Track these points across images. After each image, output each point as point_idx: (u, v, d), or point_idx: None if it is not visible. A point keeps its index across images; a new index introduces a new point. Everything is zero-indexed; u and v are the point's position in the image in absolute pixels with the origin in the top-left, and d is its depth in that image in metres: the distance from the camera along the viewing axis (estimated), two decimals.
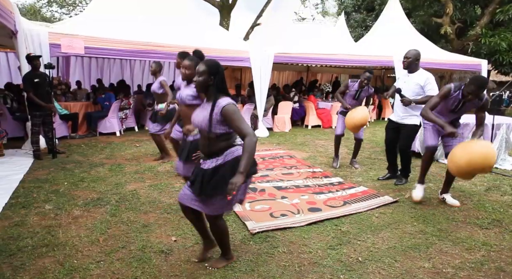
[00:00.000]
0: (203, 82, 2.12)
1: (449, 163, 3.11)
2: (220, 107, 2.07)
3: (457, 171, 3.04)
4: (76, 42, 5.61)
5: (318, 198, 3.76)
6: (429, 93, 3.91)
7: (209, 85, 2.13)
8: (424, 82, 3.97)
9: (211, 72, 2.10)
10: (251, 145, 2.02)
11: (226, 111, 2.05)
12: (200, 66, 2.13)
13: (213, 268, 2.35)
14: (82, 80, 9.38)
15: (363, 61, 9.03)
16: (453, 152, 3.06)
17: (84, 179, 4.30)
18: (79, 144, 6.43)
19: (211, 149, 2.16)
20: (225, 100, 2.09)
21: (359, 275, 2.32)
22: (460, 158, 2.93)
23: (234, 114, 2.06)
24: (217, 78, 2.11)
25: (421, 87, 4.00)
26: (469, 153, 2.89)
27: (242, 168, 1.99)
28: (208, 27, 8.14)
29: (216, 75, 2.11)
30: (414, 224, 3.13)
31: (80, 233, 2.85)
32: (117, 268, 2.35)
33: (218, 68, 2.12)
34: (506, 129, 5.29)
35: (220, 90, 2.13)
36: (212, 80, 2.11)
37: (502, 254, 2.62)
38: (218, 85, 2.12)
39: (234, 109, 2.07)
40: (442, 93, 3.34)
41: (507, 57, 12.11)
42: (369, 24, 16.34)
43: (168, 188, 4.04)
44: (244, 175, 2.00)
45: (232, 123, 2.06)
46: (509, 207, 3.54)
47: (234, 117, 2.05)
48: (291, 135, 7.94)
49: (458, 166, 2.97)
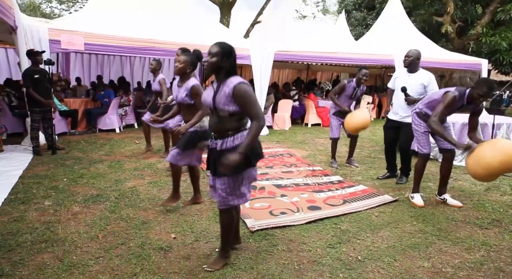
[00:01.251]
0: (215, 64, 2.11)
1: (475, 165, 2.84)
2: (232, 86, 2.05)
3: (487, 173, 2.80)
4: (76, 38, 5.59)
5: (318, 197, 3.76)
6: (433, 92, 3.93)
7: (221, 67, 2.11)
8: (427, 82, 4.01)
9: (225, 54, 2.10)
10: (256, 129, 2.03)
11: (238, 91, 2.04)
12: (213, 47, 2.13)
13: (211, 269, 2.31)
14: (82, 77, 9.35)
15: (364, 60, 9.00)
16: (480, 154, 2.81)
17: (83, 175, 4.29)
18: (79, 140, 6.42)
19: (223, 127, 2.15)
20: (237, 78, 2.08)
21: (358, 274, 2.32)
22: (493, 157, 2.71)
23: (246, 94, 2.05)
24: (230, 61, 2.11)
25: (424, 87, 4.02)
26: (503, 152, 2.69)
27: (242, 149, 2.01)
28: (208, 25, 8.11)
29: (229, 57, 2.11)
30: (413, 223, 3.13)
31: (79, 229, 2.85)
32: (116, 265, 2.35)
33: (231, 51, 2.12)
34: (506, 129, 5.29)
35: (231, 72, 2.12)
36: (224, 62, 2.10)
37: (501, 254, 2.62)
38: (231, 68, 2.12)
39: (246, 89, 2.06)
40: (448, 103, 3.18)
41: (508, 56, 12.10)
42: (370, 22, 16.31)
43: (167, 185, 4.03)
44: (242, 155, 2.00)
45: (244, 103, 2.05)
46: (508, 207, 3.54)
47: (246, 97, 2.04)
48: (291, 134, 7.93)
49: (489, 166, 2.74)
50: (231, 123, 2.13)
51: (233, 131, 2.14)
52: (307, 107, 9.34)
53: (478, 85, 3.08)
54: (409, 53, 4.09)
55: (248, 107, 2.06)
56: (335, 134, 5.02)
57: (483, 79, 3.21)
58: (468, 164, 2.93)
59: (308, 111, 9.29)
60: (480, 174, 2.84)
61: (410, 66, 4.10)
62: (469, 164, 2.91)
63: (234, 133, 2.14)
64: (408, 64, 4.10)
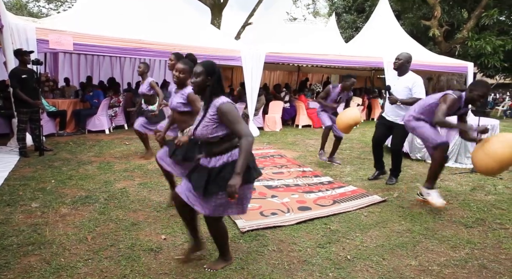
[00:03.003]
0: (201, 83, 2.12)
1: (487, 159, 2.88)
2: (215, 107, 2.07)
3: (500, 166, 2.88)
4: (64, 38, 5.51)
5: (308, 197, 3.79)
6: (416, 95, 3.99)
7: (207, 86, 2.12)
8: (412, 84, 4.04)
9: (208, 73, 2.10)
10: (247, 146, 2.00)
11: (221, 110, 2.05)
12: (197, 67, 2.13)
13: (211, 269, 2.31)
14: (70, 77, 9.24)
15: (353, 62, 9.12)
16: (490, 147, 2.87)
17: (72, 176, 4.24)
18: (67, 141, 6.34)
19: (215, 151, 2.13)
20: (220, 99, 2.08)
21: (347, 273, 2.35)
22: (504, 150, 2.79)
23: (230, 113, 2.04)
24: (214, 79, 2.10)
25: (409, 89, 4.07)
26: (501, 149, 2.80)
27: (239, 169, 1.98)
28: (199, 26, 8.10)
29: (212, 75, 2.10)
30: (401, 223, 3.18)
31: (67, 231, 2.81)
32: (105, 266, 2.33)
33: (214, 69, 2.12)
34: (491, 131, 5.42)
35: (217, 90, 2.12)
36: (209, 81, 2.11)
37: (485, 251, 2.68)
38: (216, 86, 2.11)
39: (229, 108, 2.06)
40: (450, 103, 3.21)
41: (492, 60, 12.41)
42: (360, 25, 16.50)
43: (158, 186, 4.01)
44: (241, 175, 1.98)
45: (228, 123, 2.06)
46: (492, 206, 3.63)
47: (230, 117, 2.04)
48: (282, 135, 7.97)
49: (502, 159, 2.82)
50: (224, 144, 2.13)
51: (227, 150, 2.13)
52: (298, 109, 9.40)
53: (478, 87, 3.18)
54: (399, 56, 4.15)
55: (233, 125, 2.05)
56: (328, 123, 5.09)
57: (480, 82, 3.30)
58: (478, 158, 2.96)
59: (299, 112, 9.34)
60: (494, 167, 2.90)
61: (399, 69, 4.16)
62: (479, 158, 2.94)
63: (231, 150, 2.13)
64: (397, 67, 4.16)
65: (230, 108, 2.06)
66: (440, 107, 3.25)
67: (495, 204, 3.70)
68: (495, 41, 12.20)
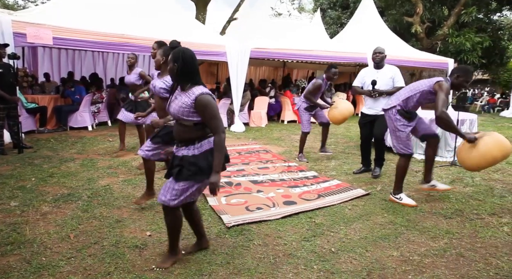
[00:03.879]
0: (171, 70, 2.12)
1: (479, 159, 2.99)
2: (193, 97, 2.04)
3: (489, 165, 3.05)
4: (43, 32, 5.34)
5: (293, 192, 3.83)
6: (398, 84, 4.25)
7: (179, 73, 2.09)
8: (393, 75, 4.28)
9: (175, 60, 2.07)
10: (220, 143, 2.04)
11: (199, 102, 2.03)
12: (170, 55, 2.13)
13: (160, 268, 2.24)
14: (51, 73, 8.97)
15: (338, 57, 9.19)
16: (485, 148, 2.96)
17: (53, 174, 4.15)
18: (48, 138, 6.18)
19: (186, 136, 2.12)
20: (199, 89, 2.06)
21: (331, 265, 2.39)
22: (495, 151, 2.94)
23: (207, 106, 2.03)
24: (179, 65, 2.06)
25: (392, 80, 4.29)
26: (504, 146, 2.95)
27: (216, 167, 2.04)
28: (184, 21, 8.00)
29: (177, 61, 2.06)
30: (384, 215, 3.25)
31: (49, 229, 2.76)
32: (89, 264, 2.30)
33: (179, 55, 2.07)
34: (469, 125, 5.58)
35: (186, 78, 2.08)
36: (175, 67, 2.08)
37: (462, 241, 2.78)
38: (182, 73, 2.07)
39: (208, 101, 2.04)
40: (447, 91, 3.15)
41: (471, 57, 12.75)
42: (344, 21, 16.65)
43: (142, 182, 3.96)
44: (219, 173, 2.04)
45: (204, 115, 2.05)
46: (470, 197, 3.75)
47: (207, 111, 2.03)
48: (267, 130, 7.99)
49: (494, 160, 2.98)
50: (196, 132, 2.11)
51: (198, 139, 2.12)
52: (283, 104, 9.43)
53: (463, 73, 3.21)
54: (380, 50, 4.29)
55: (209, 119, 2.04)
56: (308, 128, 5.20)
57: (465, 67, 3.33)
58: (470, 156, 3.04)
59: (284, 108, 9.38)
60: (483, 166, 3.07)
61: (381, 62, 4.31)
62: (471, 156, 3.03)
63: (201, 141, 2.12)
64: (379, 61, 4.30)
65: (209, 101, 2.04)
66: (440, 97, 3.10)
67: (473, 195, 3.82)
68: (474, 38, 12.54)
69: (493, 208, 3.45)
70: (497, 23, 15.61)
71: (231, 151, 5.70)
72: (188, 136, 2.12)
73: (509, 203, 3.61)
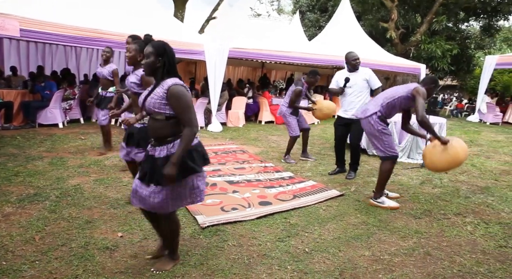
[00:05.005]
0: (151, 64, 2.03)
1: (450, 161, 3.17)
2: (166, 87, 1.97)
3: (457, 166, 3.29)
4: (9, 22, 5.05)
5: (269, 192, 3.84)
6: (376, 85, 4.41)
7: (157, 68, 2.03)
8: (369, 76, 4.42)
9: (158, 53, 2.01)
10: (189, 136, 1.96)
11: (172, 92, 1.95)
12: (147, 48, 2.04)
13: (160, 271, 2.21)
14: (18, 66, 8.54)
15: (316, 60, 9.32)
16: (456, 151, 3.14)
17: (19, 173, 3.95)
18: (14, 135, 5.88)
19: (161, 132, 2.03)
20: (172, 80, 2.00)
21: (305, 265, 2.41)
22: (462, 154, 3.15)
23: (180, 98, 1.96)
24: (164, 59, 2.01)
25: (366, 81, 4.42)
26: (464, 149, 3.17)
27: (174, 158, 1.93)
28: (162, 18, 7.85)
29: (163, 56, 2.01)
30: (357, 216, 3.32)
31: (11, 231, 2.62)
32: (54, 267, 2.20)
33: (165, 49, 2.02)
34: (439, 128, 5.81)
35: (169, 72, 2.03)
36: (159, 62, 2.02)
37: (430, 240, 2.89)
38: (167, 67, 2.02)
39: (181, 92, 1.97)
40: (424, 96, 3.28)
41: (441, 63, 13.32)
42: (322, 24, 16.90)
43: (115, 182, 3.86)
44: (176, 165, 1.93)
45: (177, 106, 1.97)
46: (438, 198, 3.91)
47: (180, 102, 1.96)
48: (245, 131, 7.98)
49: (461, 162, 3.21)
50: (170, 128, 2.03)
51: (173, 137, 2.04)
52: (261, 105, 9.45)
53: (436, 83, 3.45)
54: (357, 56, 4.43)
55: (181, 110, 1.97)
56: (297, 132, 5.21)
57: (435, 77, 3.55)
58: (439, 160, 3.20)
59: (262, 108, 9.41)
60: (453, 168, 3.31)
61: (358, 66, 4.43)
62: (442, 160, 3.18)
63: (174, 140, 2.03)
64: (359, 65, 4.42)
65: (182, 92, 1.97)
66: (419, 102, 3.22)
67: (441, 196, 3.99)
68: (444, 45, 13.10)
69: (458, 208, 3.61)
70: (465, 32, 16.40)
71: (208, 151, 5.63)
72: (162, 133, 2.04)
73: (473, 203, 3.79)
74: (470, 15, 15.38)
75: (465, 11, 14.93)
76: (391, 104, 3.45)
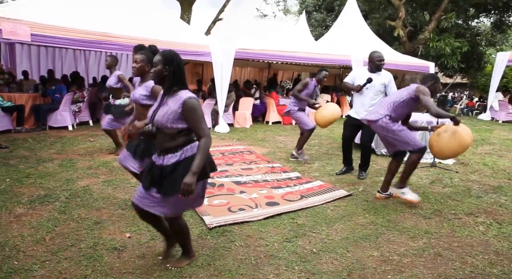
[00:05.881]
0: (158, 72, 2.05)
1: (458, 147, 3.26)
2: (182, 100, 2.00)
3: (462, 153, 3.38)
4: (20, 28, 5.16)
5: (276, 193, 3.83)
6: (392, 91, 4.22)
7: (165, 77, 2.05)
8: (388, 81, 4.29)
9: (166, 62, 2.03)
10: (206, 147, 2.00)
11: (187, 105, 1.99)
12: (156, 56, 2.07)
13: (175, 267, 2.27)
14: (29, 71, 8.70)
15: (323, 59, 9.28)
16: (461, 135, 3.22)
17: (30, 175, 4.02)
18: (26, 138, 5.99)
19: (170, 144, 2.06)
20: (186, 93, 2.03)
21: (313, 266, 2.40)
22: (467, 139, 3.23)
23: (195, 111, 2.00)
24: (172, 69, 2.03)
25: (384, 86, 4.29)
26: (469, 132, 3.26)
27: (195, 168, 1.95)
28: (169, 20, 7.92)
29: (170, 65, 2.03)
30: (365, 216, 3.29)
31: (23, 232, 2.66)
32: (64, 268, 2.23)
33: (173, 58, 2.04)
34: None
35: (177, 82, 2.05)
36: (166, 71, 2.03)
37: (440, 240, 2.84)
38: (175, 77, 2.04)
39: (196, 105, 2.01)
40: (428, 93, 3.34)
41: (451, 61, 13.11)
42: (329, 24, 16.85)
43: (123, 183, 3.90)
44: (197, 175, 1.96)
45: (191, 119, 2.01)
46: (448, 198, 3.85)
47: (195, 115, 2.00)
48: (252, 131, 7.98)
49: (467, 145, 3.27)
50: (180, 139, 2.06)
51: (181, 146, 2.06)
52: (268, 106, 9.45)
53: (437, 80, 3.49)
54: (383, 56, 4.29)
55: (195, 123, 2.01)
56: (312, 125, 5.13)
57: (435, 75, 3.58)
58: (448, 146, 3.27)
59: (269, 109, 9.40)
60: (461, 153, 3.37)
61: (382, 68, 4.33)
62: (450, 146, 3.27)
63: (183, 147, 2.06)
64: (382, 66, 4.30)
65: (197, 105, 2.02)
66: (427, 101, 3.29)
67: (451, 195, 3.92)
68: (453, 43, 12.90)
69: (470, 208, 3.54)
70: (475, 29, 16.13)
71: (215, 152, 5.66)
72: (172, 145, 2.06)
73: (485, 203, 3.71)
74: (481, 12, 15.11)
75: (475, 7, 14.68)
76: (399, 106, 3.47)
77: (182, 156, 2.05)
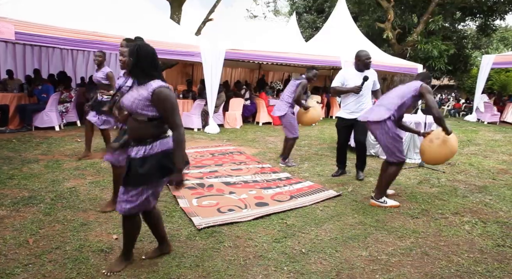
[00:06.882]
0: (126, 63, 2.13)
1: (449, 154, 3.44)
2: (151, 89, 1.98)
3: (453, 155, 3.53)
4: (4, 25, 5.05)
5: (266, 193, 3.82)
6: (377, 86, 4.57)
7: (133, 66, 2.03)
8: (376, 77, 4.50)
9: (130, 54, 2.03)
10: (180, 140, 1.99)
11: (157, 94, 1.96)
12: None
13: (111, 273, 2.16)
14: (14, 70, 8.51)
15: (313, 60, 9.32)
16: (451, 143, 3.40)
17: (13, 176, 3.92)
18: (10, 138, 5.85)
19: (140, 133, 2.03)
20: (156, 82, 2.00)
21: (301, 266, 2.40)
22: (456, 144, 3.44)
23: (166, 99, 1.97)
24: (135, 60, 2.00)
25: (373, 82, 4.47)
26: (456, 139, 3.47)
27: (179, 164, 1.99)
28: (158, 20, 7.85)
29: (133, 56, 2.01)
30: (354, 216, 3.31)
31: (5, 234, 2.59)
32: (48, 271, 2.18)
33: (137, 49, 2.01)
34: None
35: (143, 73, 2.02)
36: (130, 61, 2.02)
37: (427, 240, 2.88)
38: (139, 68, 2.01)
39: (167, 95, 1.98)
40: (431, 92, 3.41)
41: (438, 63, 13.33)
42: (319, 25, 16.93)
43: (111, 184, 3.81)
44: (182, 169, 1.99)
45: (161, 109, 1.99)
46: (435, 197, 3.90)
47: (166, 105, 1.98)
48: (242, 132, 7.97)
49: (455, 151, 3.49)
50: (151, 129, 2.03)
51: (152, 139, 2.04)
52: (258, 106, 9.45)
53: (430, 78, 3.61)
54: (370, 55, 4.33)
55: (167, 114, 1.99)
56: (298, 133, 5.13)
57: (428, 73, 3.67)
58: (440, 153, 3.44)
59: (259, 110, 9.40)
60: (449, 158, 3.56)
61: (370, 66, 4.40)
62: (442, 153, 3.44)
63: (153, 141, 2.04)
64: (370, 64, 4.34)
65: (168, 95, 1.99)
66: (431, 99, 3.29)
67: (438, 195, 3.97)
68: (441, 45, 13.13)
69: (456, 208, 3.60)
70: (462, 32, 16.46)
71: (205, 152, 5.63)
72: (142, 133, 2.03)
73: (470, 202, 3.78)
74: (467, 15, 15.45)
75: (461, 10, 14.99)
76: (403, 106, 3.45)
77: (149, 151, 2.02)
